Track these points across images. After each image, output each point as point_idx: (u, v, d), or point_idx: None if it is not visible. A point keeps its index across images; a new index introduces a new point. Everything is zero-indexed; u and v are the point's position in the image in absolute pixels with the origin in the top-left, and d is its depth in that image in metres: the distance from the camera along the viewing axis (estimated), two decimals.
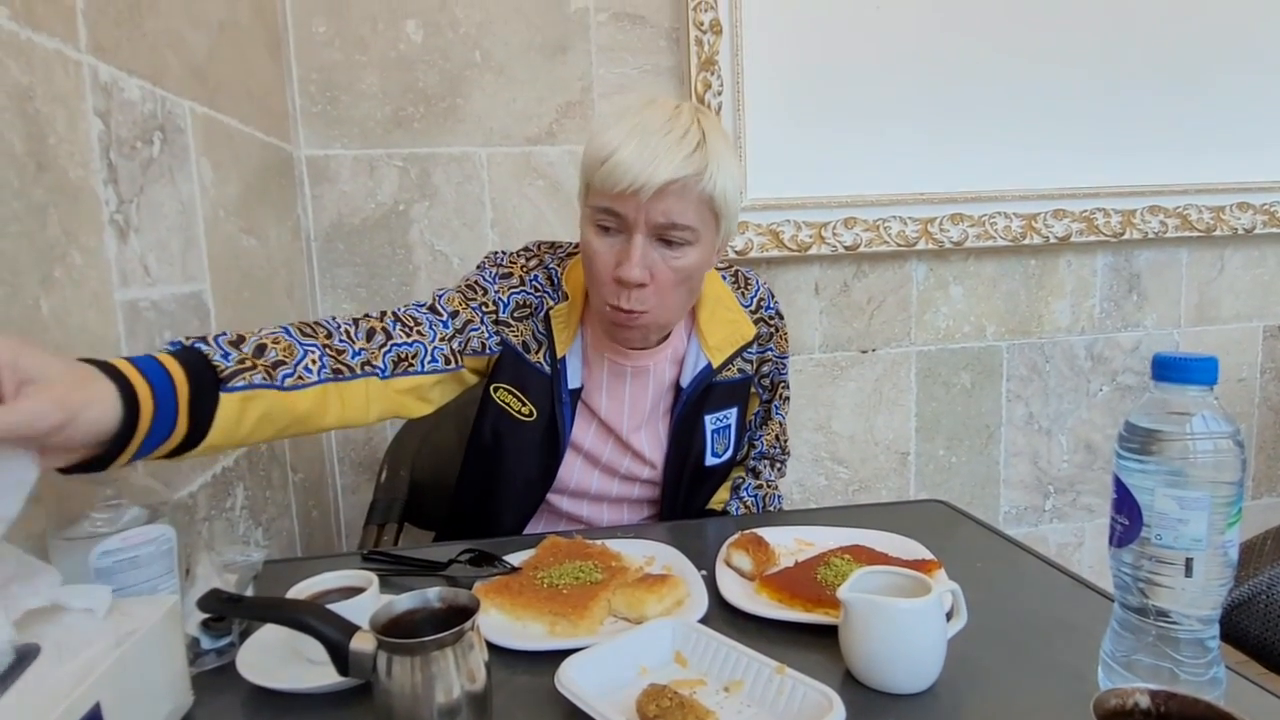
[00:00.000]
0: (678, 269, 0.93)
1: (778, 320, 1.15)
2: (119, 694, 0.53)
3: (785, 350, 1.17)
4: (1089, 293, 1.99)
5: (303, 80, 1.58)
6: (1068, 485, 2.06)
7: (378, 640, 0.55)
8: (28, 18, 0.72)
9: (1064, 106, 1.85)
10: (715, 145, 0.90)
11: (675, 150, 0.87)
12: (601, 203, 0.91)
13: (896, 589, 0.67)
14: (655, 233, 0.91)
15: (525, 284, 1.04)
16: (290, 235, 1.50)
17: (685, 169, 0.87)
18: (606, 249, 0.92)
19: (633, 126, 0.88)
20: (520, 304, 1.04)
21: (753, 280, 1.14)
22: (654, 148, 0.87)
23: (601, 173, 0.88)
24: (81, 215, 0.79)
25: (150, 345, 0.91)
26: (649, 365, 1.07)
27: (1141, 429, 0.58)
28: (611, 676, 0.64)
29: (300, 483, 1.45)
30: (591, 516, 1.15)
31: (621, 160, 0.86)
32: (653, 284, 0.92)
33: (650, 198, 0.87)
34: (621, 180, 0.86)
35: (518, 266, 1.05)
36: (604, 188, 0.89)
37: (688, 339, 1.09)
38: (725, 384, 1.09)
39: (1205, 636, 0.57)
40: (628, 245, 0.90)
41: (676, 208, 0.89)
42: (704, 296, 1.08)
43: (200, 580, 0.72)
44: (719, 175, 0.90)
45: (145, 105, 0.94)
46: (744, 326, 1.10)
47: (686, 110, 0.92)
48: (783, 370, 1.18)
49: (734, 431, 1.13)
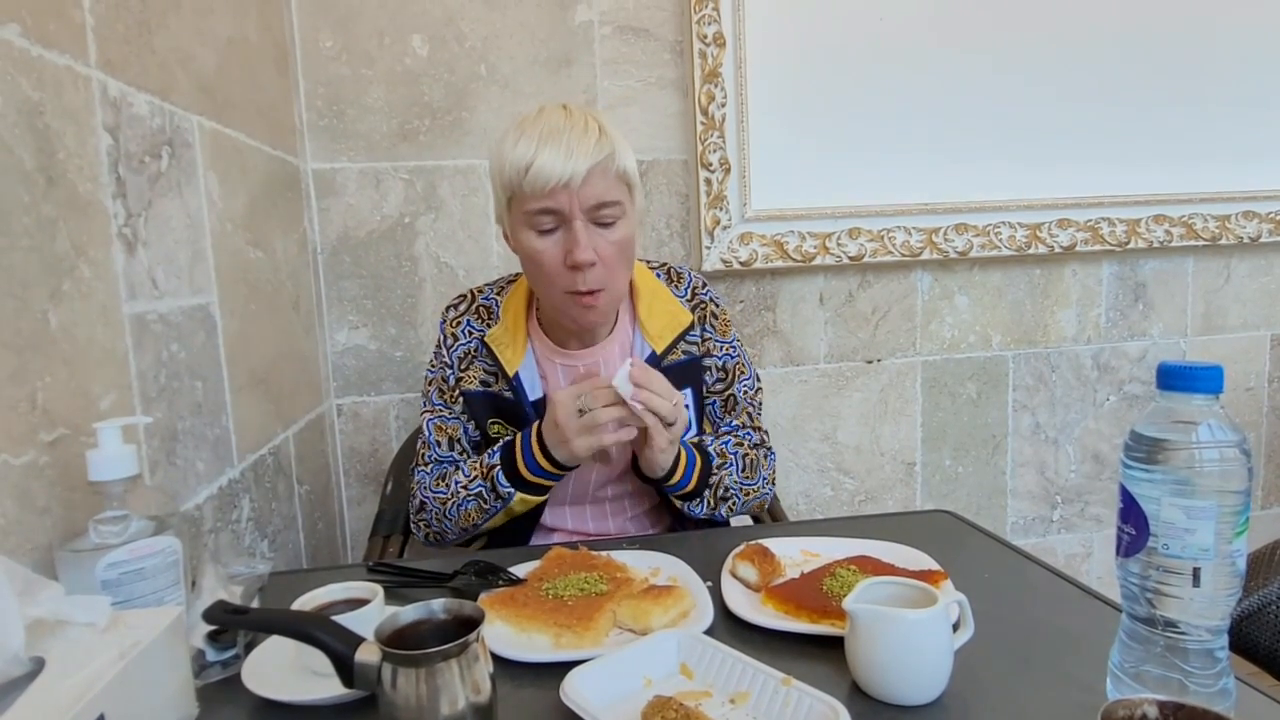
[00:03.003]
0: (616, 242, 1.02)
1: (713, 305, 1.20)
2: (124, 706, 0.53)
3: (728, 334, 1.20)
4: (1095, 302, 1.98)
5: (309, 94, 1.59)
6: (1075, 495, 2.05)
7: (383, 652, 0.55)
8: (38, 35, 0.73)
9: (1068, 116, 1.85)
10: (610, 130, 1.01)
11: (584, 141, 0.97)
12: (536, 205, 0.98)
13: (903, 600, 0.67)
14: (590, 216, 1.00)
15: (459, 338, 1.15)
16: (297, 248, 1.51)
17: (599, 153, 0.97)
18: (552, 245, 1.01)
19: (539, 134, 0.97)
20: (462, 356, 1.14)
21: (684, 273, 1.22)
22: (568, 144, 0.96)
23: (528, 179, 0.96)
24: (90, 229, 0.80)
25: (158, 358, 0.92)
26: (599, 359, 1.13)
27: (1147, 438, 0.57)
28: (617, 688, 0.64)
29: (306, 495, 1.46)
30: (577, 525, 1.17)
31: (545, 163, 0.95)
32: (601, 263, 1.01)
33: (580, 186, 0.97)
34: (551, 178, 0.96)
35: (448, 325, 1.16)
36: (535, 191, 0.97)
37: (632, 332, 1.15)
38: (674, 366, 1.14)
39: (1214, 647, 0.57)
40: (570, 233, 0.99)
41: (602, 187, 0.99)
42: (641, 291, 1.16)
43: (206, 592, 0.73)
44: (623, 154, 1.01)
45: (154, 120, 0.95)
46: (681, 314, 1.16)
47: (575, 109, 1.02)
48: (733, 355, 1.19)
49: (692, 411, 1.17)
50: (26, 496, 0.68)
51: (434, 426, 1.15)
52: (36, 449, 0.70)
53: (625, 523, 1.19)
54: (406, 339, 1.69)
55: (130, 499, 0.69)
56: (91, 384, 0.78)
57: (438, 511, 1.11)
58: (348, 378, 1.68)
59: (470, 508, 1.08)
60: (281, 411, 1.35)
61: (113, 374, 0.83)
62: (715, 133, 1.70)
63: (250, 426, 1.19)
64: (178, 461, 0.95)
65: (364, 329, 1.68)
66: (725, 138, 1.70)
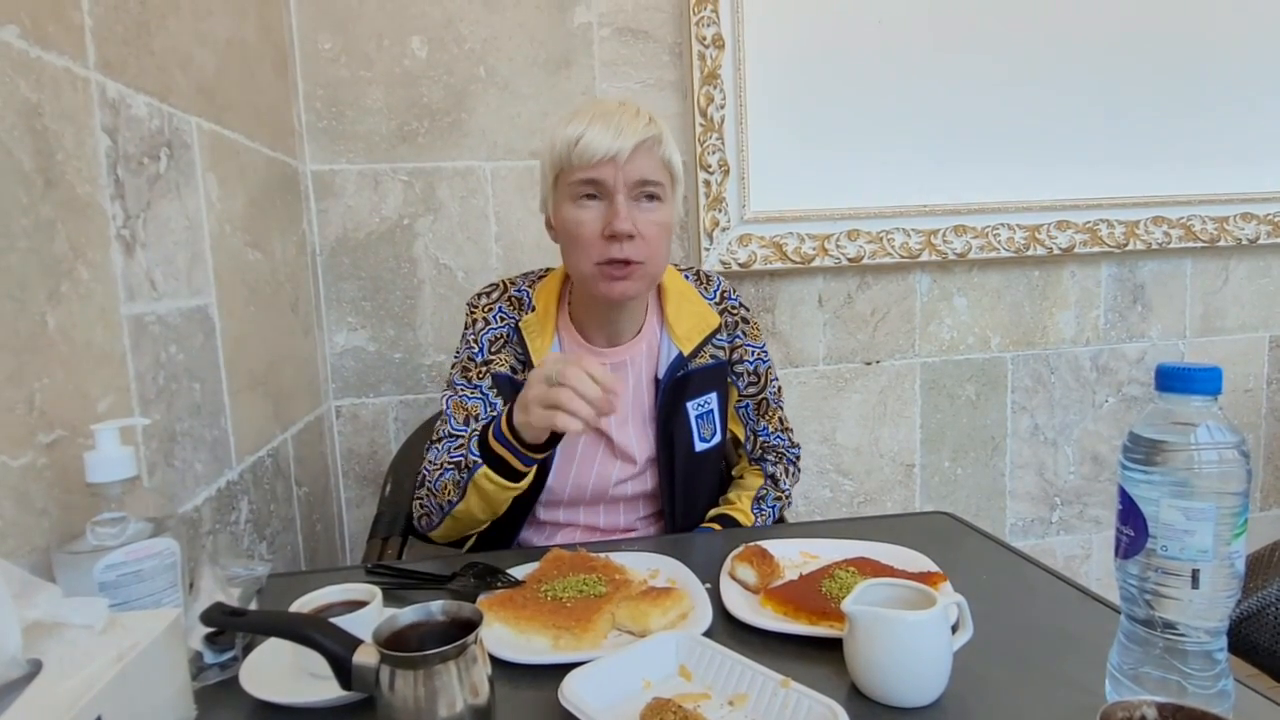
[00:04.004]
0: (657, 222, 1.04)
1: (743, 310, 1.22)
2: (121, 708, 0.53)
3: (759, 339, 1.23)
4: (1093, 304, 1.99)
5: (308, 96, 1.59)
6: (1074, 497, 2.05)
7: (381, 654, 0.55)
8: (37, 36, 0.73)
9: (1066, 117, 1.85)
10: (660, 123, 1.05)
11: (635, 121, 1.01)
12: (582, 175, 1.01)
13: (902, 601, 0.67)
14: (633, 191, 1.02)
15: (490, 322, 1.15)
16: (296, 249, 1.51)
17: (648, 132, 1.02)
18: (592, 217, 1.03)
19: (591, 115, 1.02)
20: (493, 339, 1.14)
21: (713, 277, 1.23)
22: (617, 121, 1.01)
23: (577, 151, 1.00)
24: (88, 230, 0.80)
25: (156, 359, 0.92)
26: (626, 359, 1.14)
27: (1146, 439, 0.57)
28: (615, 690, 0.64)
29: (305, 496, 1.45)
30: (589, 520, 1.17)
31: (594, 136, 0.99)
32: (640, 237, 1.02)
33: (626, 160, 1.00)
34: (599, 150, 0.99)
35: (479, 310, 1.16)
36: (582, 163, 1.00)
37: (660, 332, 1.16)
38: (700, 370, 1.15)
39: (1213, 649, 0.57)
40: (613, 206, 1.01)
41: (647, 165, 1.02)
42: (669, 292, 1.17)
43: (204, 594, 0.72)
44: (669, 145, 1.05)
45: (152, 122, 0.95)
46: (709, 316, 1.18)
47: (627, 101, 1.07)
48: (765, 359, 1.23)
49: (717, 416, 1.18)
50: (24, 498, 0.68)
51: (453, 404, 1.12)
52: (34, 451, 0.69)
53: (636, 521, 1.20)
54: (405, 340, 1.69)
55: (128, 501, 0.68)
56: (89, 385, 0.78)
57: (430, 487, 1.07)
58: (346, 379, 1.68)
59: (448, 478, 1.04)
60: (280, 413, 1.35)
61: (111, 375, 0.82)
62: (714, 134, 1.70)
63: (249, 428, 1.19)
64: (176, 463, 0.95)
65: (363, 330, 1.68)
66: (724, 139, 1.70)
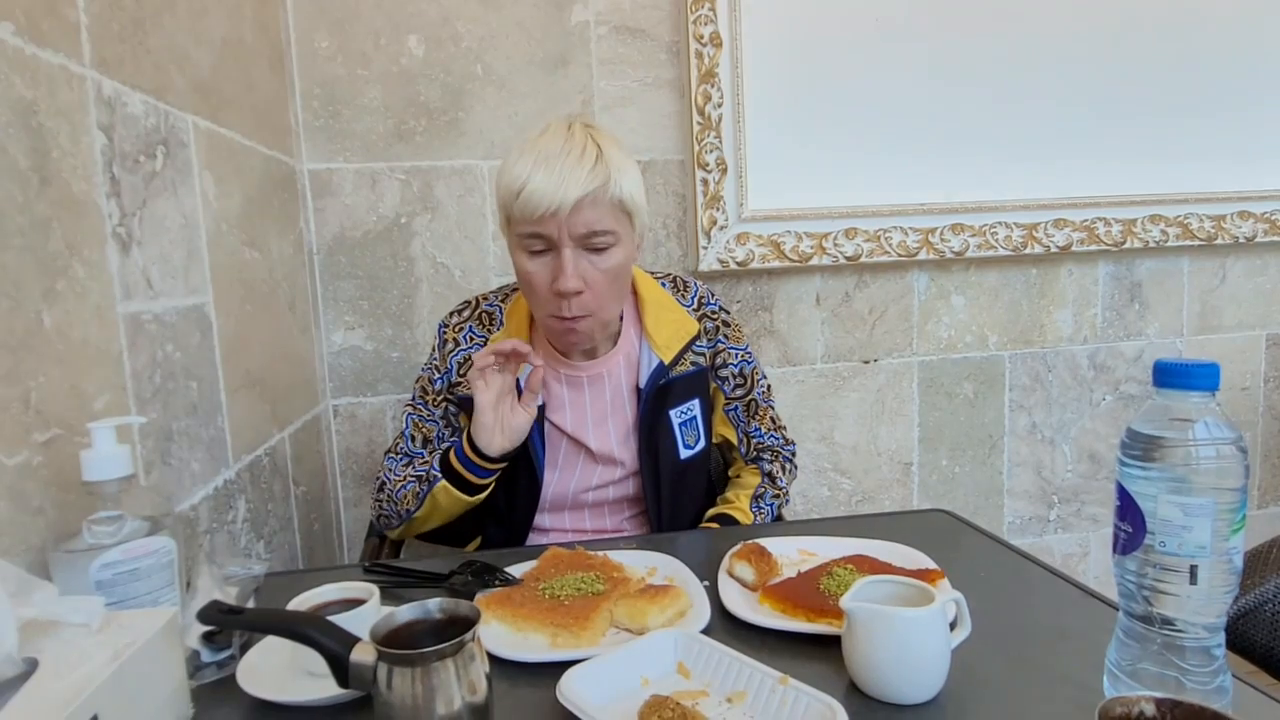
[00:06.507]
0: (607, 270, 1.01)
1: (722, 314, 1.21)
2: (118, 706, 0.53)
3: (742, 340, 1.22)
4: (1091, 302, 1.99)
5: (305, 94, 1.59)
6: (1072, 495, 2.05)
7: (378, 652, 0.55)
8: (32, 33, 0.73)
9: (1064, 116, 1.85)
10: (611, 154, 0.99)
11: (578, 168, 0.96)
12: (526, 229, 0.99)
13: (900, 599, 0.67)
14: (580, 243, 0.99)
15: (460, 343, 1.15)
16: (292, 248, 1.50)
17: (592, 183, 0.96)
18: (541, 268, 1.01)
19: (535, 157, 0.97)
20: (462, 361, 1.14)
21: (690, 283, 1.22)
22: (559, 171, 0.95)
23: (519, 204, 0.97)
24: (84, 229, 0.80)
25: (153, 358, 0.92)
26: (603, 371, 1.13)
27: (1144, 435, 0.57)
28: (614, 688, 0.64)
29: (302, 496, 1.45)
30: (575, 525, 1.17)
31: (535, 189, 0.95)
32: (588, 290, 1.01)
33: (568, 215, 0.96)
34: (539, 206, 0.95)
35: (450, 329, 1.17)
36: (524, 216, 0.98)
37: (639, 343, 1.14)
38: (681, 378, 1.15)
39: (1211, 645, 0.57)
40: (559, 260, 0.99)
41: (593, 217, 0.98)
42: (647, 301, 1.15)
43: (201, 592, 0.72)
44: (622, 180, 0.99)
45: (148, 119, 0.95)
46: (687, 323, 1.16)
47: (578, 129, 1.01)
48: (750, 360, 1.22)
49: (700, 423, 1.18)
50: (20, 497, 0.68)
51: (413, 422, 1.16)
52: (30, 449, 0.69)
53: (622, 522, 1.19)
54: (403, 339, 1.69)
55: (125, 499, 0.68)
56: (86, 384, 0.78)
57: (390, 495, 1.12)
58: (344, 378, 1.68)
59: (409, 490, 1.09)
60: (277, 412, 1.35)
61: (107, 374, 0.82)
62: (712, 133, 1.70)
63: (246, 427, 1.19)
64: (173, 462, 0.95)
65: (360, 329, 1.67)
66: (722, 138, 1.70)
